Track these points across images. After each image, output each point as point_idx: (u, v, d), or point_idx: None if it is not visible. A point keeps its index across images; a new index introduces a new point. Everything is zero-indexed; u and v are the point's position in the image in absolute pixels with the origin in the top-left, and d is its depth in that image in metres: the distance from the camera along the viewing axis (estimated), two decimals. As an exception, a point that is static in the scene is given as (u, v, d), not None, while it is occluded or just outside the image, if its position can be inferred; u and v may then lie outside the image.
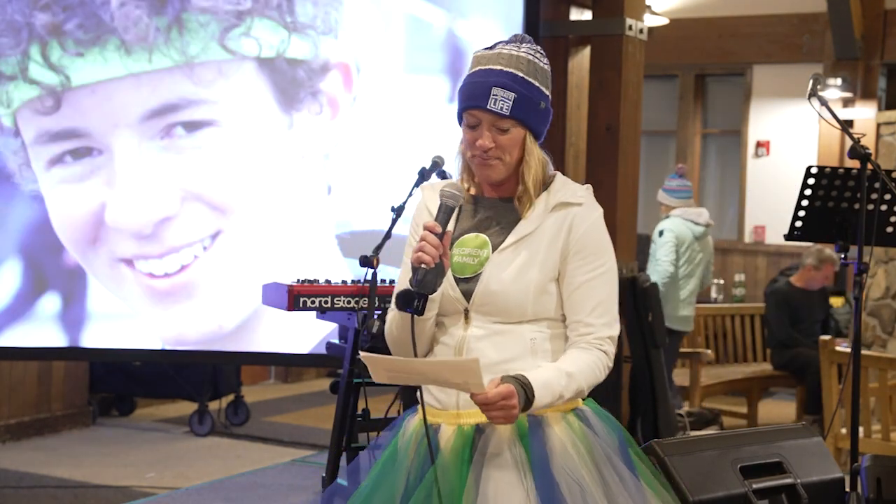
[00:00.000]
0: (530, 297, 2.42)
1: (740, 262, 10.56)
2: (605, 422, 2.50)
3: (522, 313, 2.43)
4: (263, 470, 5.98)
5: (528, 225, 2.45)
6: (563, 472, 2.35)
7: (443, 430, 2.45)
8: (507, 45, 2.44)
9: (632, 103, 6.39)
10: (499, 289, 2.42)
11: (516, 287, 2.41)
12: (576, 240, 2.44)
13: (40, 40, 5.28)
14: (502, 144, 2.41)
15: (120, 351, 5.78)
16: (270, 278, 4.27)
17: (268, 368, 9.08)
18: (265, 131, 5.42)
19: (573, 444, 2.41)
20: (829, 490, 3.79)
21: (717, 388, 7.32)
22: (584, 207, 2.47)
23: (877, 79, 9.88)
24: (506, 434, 2.40)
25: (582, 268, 2.44)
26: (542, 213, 2.46)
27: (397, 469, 2.45)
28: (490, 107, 2.37)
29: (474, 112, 2.40)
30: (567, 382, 2.38)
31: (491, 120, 2.39)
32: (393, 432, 2.56)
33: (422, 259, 2.32)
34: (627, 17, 6.29)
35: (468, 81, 2.43)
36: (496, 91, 2.37)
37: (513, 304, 2.42)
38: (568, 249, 2.44)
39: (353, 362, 4.08)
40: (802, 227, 4.27)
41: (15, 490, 5.65)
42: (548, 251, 2.43)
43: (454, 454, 2.40)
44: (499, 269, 2.43)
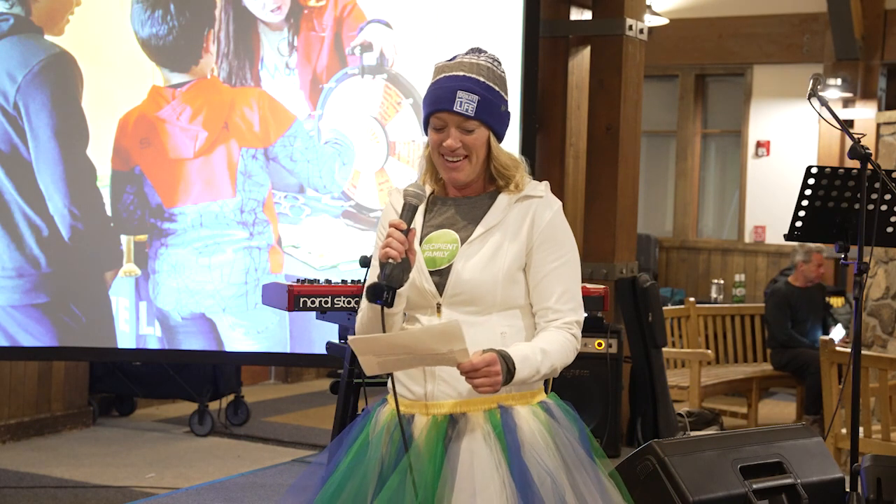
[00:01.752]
0: (499, 284, 2.54)
1: (740, 262, 10.56)
2: (567, 414, 2.61)
3: (493, 301, 2.54)
4: (263, 470, 5.98)
5: (494, 217, 2.58)
6: (533, 461, 2.46)
7: (416, 420, 2.55)
8: (467, 56, 2.60)
9: (632, 103, 6.39)
10: (469, 277, 2.53)
11: (486, 275, 2.53)
12: (539, 232, 2.57)
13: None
14: (468, 144, 2.54)
15: (120, 351, 5.78)
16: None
17: (268, 368, 9.08)
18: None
19: (541, 434, 2.51)
20: (829, 490, 3.80)
21: (717, 388, 7.32)
22: (544, 200, 2.61)
23: (877, 79, 9.88)
24: (479, 424, 2.50)
25: (546, 258, 2.57)
26: (506, 206, 2.59)
27: (370, 459, 2.54)
28: (456, 108, 2.52)
29: (441, 115, 2.54)
30: (542, 358, 2.49)
31: (457, 121, 2.53)
32: (362, 423, 2.65)
33: (389, 254, 2.43)
34: (628, 18, 6.29)
35: (433, 87, 2.57)
36: (461, 94, 2.52)
37: (483, 291, 2.53)
38: (532, 241, 2.57)
39: (353, 362, 4.07)
40: (802, 227, 4.27)
41: (15, 490, 5.65)
42: (514, 241, 2.56)
43: (428, 443, 2.49)
44: (468, 259, 2.55)
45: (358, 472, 2.54)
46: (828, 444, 4.44)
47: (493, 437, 2.48)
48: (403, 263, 2.45)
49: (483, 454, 2.46)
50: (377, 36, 5.62)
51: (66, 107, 5.63)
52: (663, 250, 10.99)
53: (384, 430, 2.57)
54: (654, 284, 6.26)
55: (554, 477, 2.44)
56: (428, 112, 2.57)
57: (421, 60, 5.59)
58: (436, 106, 2.54)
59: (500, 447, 2.47)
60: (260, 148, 5.61)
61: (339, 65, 5.63)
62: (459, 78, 2.54)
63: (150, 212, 5.66)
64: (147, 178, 5.66)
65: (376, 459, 2.53)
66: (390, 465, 2.50)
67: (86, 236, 5.67)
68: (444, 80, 2.56)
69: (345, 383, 4.17)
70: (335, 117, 5.61)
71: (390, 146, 5.61)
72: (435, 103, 2.54)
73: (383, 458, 2.53)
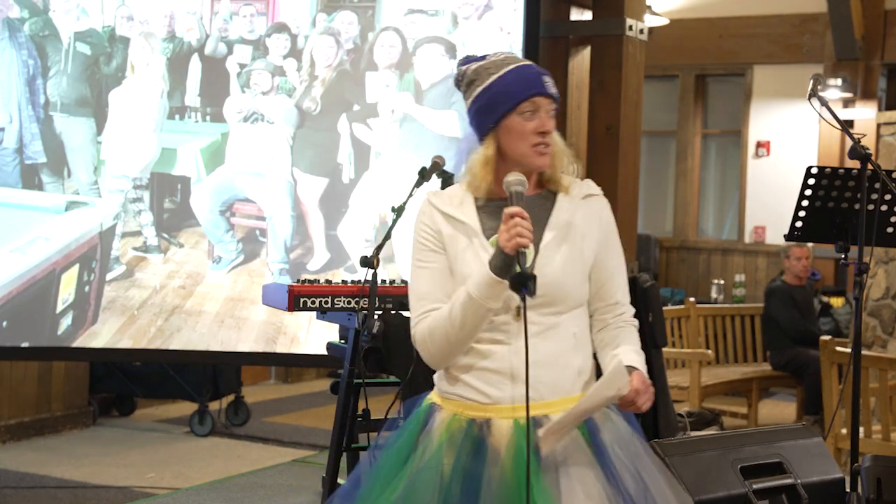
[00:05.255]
0: (579, 284, 2.53)
1: (740, 263, 10.56)
2: (623, 414, 2.57)
3: (573, 301, 2.52)
4: (263, 470, 5.98)
5: (563, 215, 2.54)
6: (619, 461, 2.45)
7: (494, 424, 2.46)
8: (494, 54, 2.55)
9: (632, 103, 6.39)
10: (553, 279, 2.47)
11: (567, 276, 2.50)
12: (604, 229, 2.58)
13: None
14: (552, 131, 2.52)
15: (120, 351, 5.78)
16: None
17: (268, 368, 9.08)
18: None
19: (615, 432, 2.50)
20: (830, 490, 3.79)
21: (717, 388, 7.32)
22: (602, 197, 2.63)
23: (877, 79, 9.88)
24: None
25: (610, 254, 2.59)
26: (570, 203, 2.56)
27: (429, 472, 2.42)
28: (550, 91, 2.50)
29: (535, 99, 2.48)
30: (641, 359, 2.54)
31: (548, 105, 2.51)
32: (409, 427, 2.54)
33: (521, 243, 2.35)
34: (628, 18, 6.29)
35: (515, 77, 2.48)
36: (546, 78, 2.51)
37: (565, 292, 2.50)
38: (600, 237, 2.57)
39: (353, 362, 4.07)
40: (803, 228, 4.27)
41: (15, 490, 5.65)
42: (587, 240, 2.55)
43: (516, 449, 2.39)
44: (549, 261, 2.49)
45: (415, 487, 2.41)
46: (828, 444, 4.43)
47: (580, 437, 2.46)
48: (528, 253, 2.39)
49: (578, 456, 2.43)
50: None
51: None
52: (663, 250, 10.99)
53: (446, 439, 2.46)
54: (655, 284, 6.24)
55: (633, 472, 2.44)
56: (522, 98, 2.46)
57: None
58: (532, 90, 2.47)
59: (589, 448, 2.45)
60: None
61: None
62: (529, 66, 2.52)
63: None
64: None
65: (437, 470, 2.41)
66: (458, 477, 2.40)
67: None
68: (517, 69, 2.49)
69: (345, 383, 4.17)
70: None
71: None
72: (529, 87, 2.47)
73: (446, 469, 2.41)
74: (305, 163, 5.65)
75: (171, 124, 5.67)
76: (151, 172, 5.66)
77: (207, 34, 5.66)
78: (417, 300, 2.56)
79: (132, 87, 5.64)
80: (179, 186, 5.70)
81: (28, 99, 5.55)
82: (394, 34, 5.65)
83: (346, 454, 4.33)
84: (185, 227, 5.69)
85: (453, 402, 2.52)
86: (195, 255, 5.67)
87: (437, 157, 4.36)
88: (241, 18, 5.66)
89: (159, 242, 5.66)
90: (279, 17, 5.68)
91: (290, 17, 5.67)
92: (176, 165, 5.68)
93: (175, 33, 5.66)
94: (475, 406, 2.48)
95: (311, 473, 5.76)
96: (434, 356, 2.54)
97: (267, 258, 5.66)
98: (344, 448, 4.21)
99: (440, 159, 4.35)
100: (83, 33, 5.61)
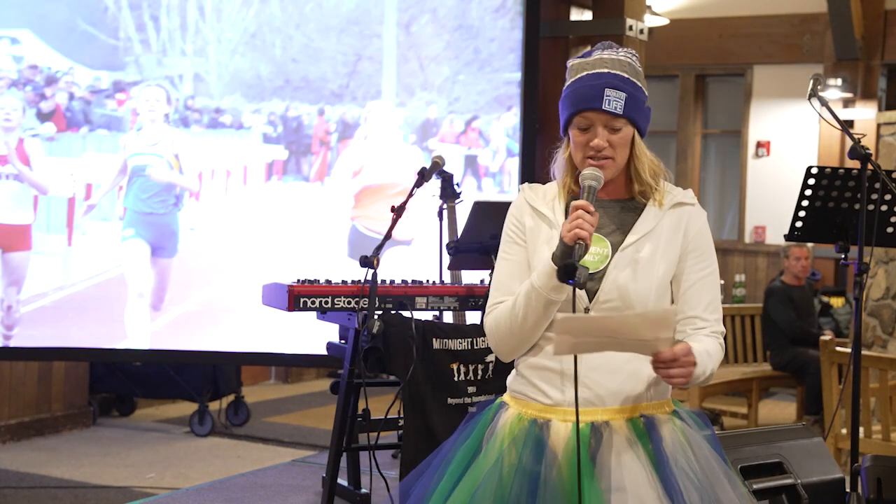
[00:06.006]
0: (653, 293, 2.47)
1: (741, 263, 10.56)
2: (697, 423, 2.54)
3: (642, 309, 2.46)
4: (263, 470, 5.97)
5: (648, 223, 2.52)
6: (682, 474, 2.39)
7: (553, 427, 2.45)
8: (606, 52, 2.54)
9: (632, 103, 6.38)
10: (624, 284, 2.46)
11: (640, 283, 2.46)
12: (691, 239, 2.53)
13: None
14: (614, 143, 2.49)
15: (120, 351, 5.78)
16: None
17: (268, 369, 9.08)
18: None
19: (682, 445, 2.45)
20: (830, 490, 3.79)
21: (717, 388, 7.31)
22: (696, 208, 2.57)
23: (877, 79, 9.87)
24: (625, 434, 2.43)
25: (696, 266, 2.52)
26: (658, 211, 2.53)
27: (492, 472, 2.41)
28: (605, 107, 2.46)
29: (587, 114, 2.47)
30: (707, 360, 2.43)
31: (605, 120, 2.47)
32: (475, 425, 2.54)
33: (580, 235, 2.34)
34: (628, 18, 6.29)
35: (578, 86, 2.50)
36: (609, 92, 2.47)
37: (636, 299, 2.46)
38: (685, 248, 2.52)
39: (353, 362, 4.07)
40: (803, 228, 4.27)
41: (15, 490, 5.65)
42: (668, 248, 2.51)
43: (572, 454, 2.38)
44: (623, 266, 2.47)
45: (477, 484, 2.41)
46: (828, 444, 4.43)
47: (639, 446, 2.42)
48: (587, 247, 2.37)
49: (633, 466, 2.39)
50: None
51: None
52: (663, 250, 10.98)
53: (508, 438, 2.45)
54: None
55: (699, 488, 2.38)
56: (574, 111, 2.48)
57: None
58: (584, 104, 2.47)
59: (648, 459, 2.40)
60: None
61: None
62: (605, 75, 2.48)
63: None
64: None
65: (498, 470, 2.41)
66: (520, 476, 2.39)
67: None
68: (588, 77, 2.49)
69: (345, 383, 4.17)
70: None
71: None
72: (582, 102, 2.47)
73: (506, 468, 2.40)
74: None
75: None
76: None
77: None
78: (494, 290, 2.57)
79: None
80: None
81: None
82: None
83: (347, 454, 4.33)
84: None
85: (519, 401, 2.52)
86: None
87: (437, 156, 4.37)
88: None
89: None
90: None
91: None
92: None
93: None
94: (538, 406, 2.49)
95: (311, 473, 5.75)
96: (499, 347, 2.55)
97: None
98: (344, 448, 4.21)
99: (440, 159, 4.35)
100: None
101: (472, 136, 6.16)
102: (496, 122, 6.15)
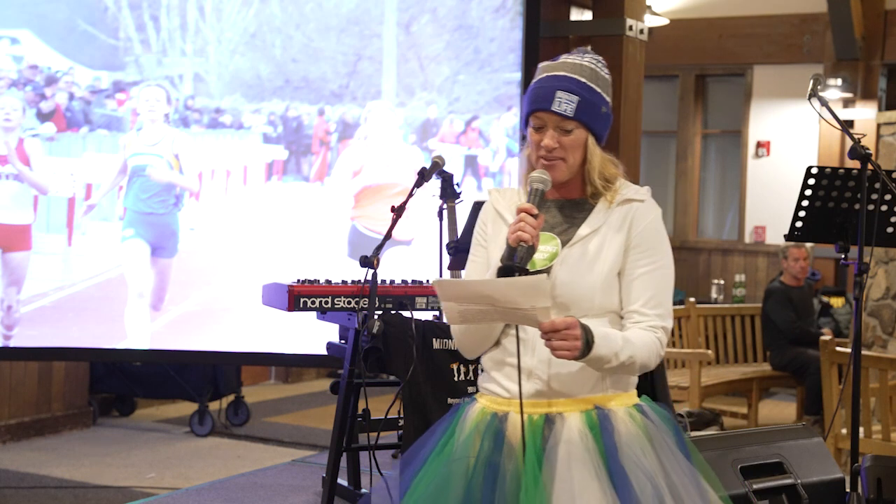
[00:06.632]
0: (598, 289, 2.52)
1: (741, 263, 10.56)
2: (661, 416, 2.58)
3: (589, 306, 2.51)
4: (264, 470, 5.97)
5: (596, 220, 2.57)
6: (632, 465, 2.43)
7: (510, 418, 2.51)
8: (571, 56, 2.62)
9: (632, 103, 6.39)
10: (569, 280, 2.51)
11: (585, 279, 2.52)
12: (636, 234, 2.56)
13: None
14: (565, 145, 2.54)
15: (120, 351, 5.78)
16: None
17: (268, 369, 9.08)
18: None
19: (638, 437, 2.49)
20: (830, 490, 3.79)
21: (717, 388, 7.31)
22: (645, 204, 2.60)
23: (877, 79, 9.87)
24: (576, 425, 2.48)
25: (640, 261, 2.55)
26: (607, 208, 2.58)
27: (457, 460, 2.50)
28: (554, 108, 2.52)
29: (540, 114, 2.54)
30: (623, 344, 2.45)
31: (555, 121, 2.53)
32: (450, 420, 2.61)
33: (521, 238, 2.41)
34: (628, 18, 6.29)
35: (534, 87, 2.57)
36: (560, 94, 2.53)
37: (581, 295, 2.51)
38: (629, 243, 2.56)
39: (353, 362, 4.07)
40: (803, 228, 4.27)
41: (15, 490, 5.65)
42: (613, 243, 2.55)
43: (526, 445, 2.45)
44: (568, 262, 2.53)
45: (445, 475, 2.49)
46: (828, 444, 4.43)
47: (590, 439, 2.46)
48: (532, 249, 2.44)
49: (582, 457, 2.43)
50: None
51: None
52: (663, 250, 10.97)
53: (474, 431, 2.54)
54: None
55: (653, 481, 2.41)
56: (527, 111, 2.57)
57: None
58: (535, 105, 2.54)
59: (597, 450, 2.45)
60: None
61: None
62: (560, 77, 2.54)
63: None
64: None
65: (464, 461, 2.49)
66: (482, 467, 2.47)
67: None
68: (544, 79, 2.56)
69: (345, 383, 4.17)
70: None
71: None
72: (535, 102, 2.54)
73: (472, 459, 2.48)
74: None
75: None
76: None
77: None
78: None
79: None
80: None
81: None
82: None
83: (347, 454, 4.32)
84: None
85: (484, 396, 2.60)
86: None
87: (437, 156, 4.36)
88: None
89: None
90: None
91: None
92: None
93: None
94: (499, 400, 2.56)
95: (311, 473, 5.75)
96: (462, 345, 2.64)
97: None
98: (344, 448, 4.21)
99: (440, 159, 4.35)
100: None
101: (472, 136, 6.16)
102: (496, 122, 6.15)
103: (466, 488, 2.45)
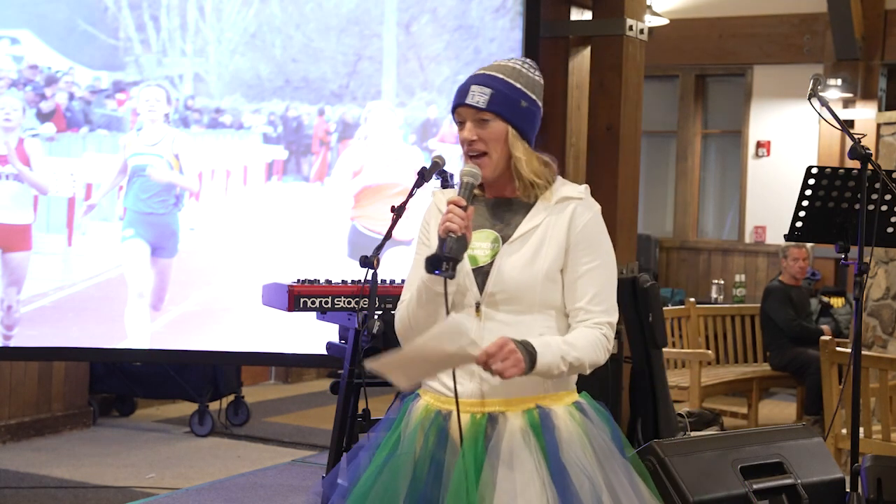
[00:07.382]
0: (539, 284, 2.56)
1: (741, 263, 10.56)
2: (599, 414, 2.63)
3: (532, 301, 2.56)
4: (264, 470, 5.98)
5: (534, 218, 2.61)
6: (572, 462, 2.47)
7: (453, 417, 2.54)
8: (501, 60, 2.71)
9: (632, 103, 6.39)
10: (510, 276, 2.55)
11: (526, 274, 2.55)
12: (576, 232, 2.60)
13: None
14: (483, 137, 2.59)
15: (120, 351, 5.78)
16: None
17: (268, 369, 9.08)
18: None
19: (578, 434, 2.53)
20: (830, 490, 3.80)
21: (717, 388, 7.32)
22: (583, 202, 2.64)
23: (877, 79, 9.88)
24: (518, 424, 2.52)
25: (581, 259, 2.59)
26: (546, 207, 2.62)
27: (402, 455, 2.55)
28: (468, 101, 2.59)
29: (459, 110, 2.62)
30: (567, 348, 2.49)
31: (472, 114, 2.59)
32: (395, 417, 2.66)
33: (450, 228, 2.46)
34: (628, 18, 6.29)
35: (459, 86, 2.66)
36: (474, 88, 2.60)
37: (523, 290, 2.55)
38: (569, 241, 2.59)
39: (353, 362, 4.07)
40: (803, 228, 4.27)
41: (15, 490, 5.65)
42: (553, 241, 2.58)
43: (467, 442, 2.49)
44: (509, 258, 2.57)
45: (390, 470, 2.54)
46: (828, 444, 4.44)
47: (531, 437, 2.50)
48: (462, 240, 2.48)
49: (523, 455, 2.48)
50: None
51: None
52: (663, 250, 10.99)
53: (418, 427, 2.58)
54: (655, 285, 6.25)
55: (591, 478, 2.46)
56: (451, 109, 2.65)
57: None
58: (455, 101, 2.63)
59: (539, 448, 2.49)
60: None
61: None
62: (477, 75, 2.63)
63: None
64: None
65: (409, 455, 2.54)
66: (426, 462, 2.52)
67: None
68: (466, 79, 2.65)
69: (345, 383, 4.17)
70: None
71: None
72: (455, 99, 2.63)
73: (417, 455, 2.54)
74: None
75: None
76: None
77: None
78: (404, 288, 2.71)
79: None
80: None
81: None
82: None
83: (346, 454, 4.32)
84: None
85: (428, 393, 2.63)
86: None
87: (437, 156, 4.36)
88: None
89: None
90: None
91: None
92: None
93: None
94: (442, 398, 2.59)
95: (311, 473, 5.76)
96: (403, 340, 2.66)
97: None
98: (344, 448, 4.21)
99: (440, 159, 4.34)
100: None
101: (472, 136, 6.15)
102: (496, 122, 6.14)
103: (411, 483, 2.50)
